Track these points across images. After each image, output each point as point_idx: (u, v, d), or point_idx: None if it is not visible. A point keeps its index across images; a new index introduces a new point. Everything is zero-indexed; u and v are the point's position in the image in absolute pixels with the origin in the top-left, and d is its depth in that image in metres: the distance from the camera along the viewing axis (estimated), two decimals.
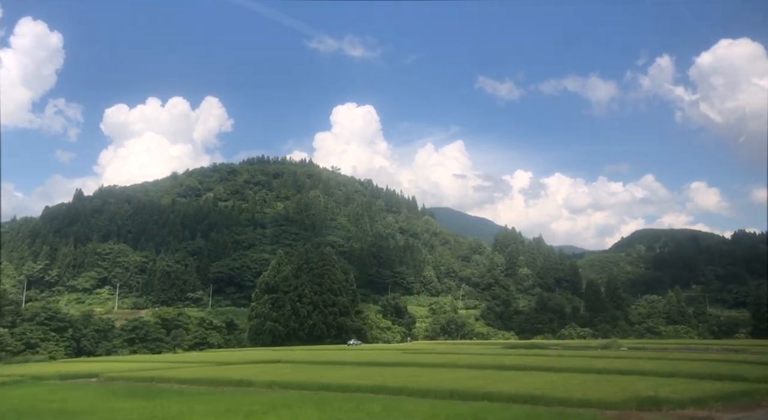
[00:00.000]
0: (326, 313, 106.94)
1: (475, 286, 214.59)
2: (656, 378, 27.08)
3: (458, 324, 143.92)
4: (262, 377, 32.49)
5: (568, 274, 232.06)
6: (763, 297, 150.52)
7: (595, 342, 70.32)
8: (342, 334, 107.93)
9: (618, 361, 34.92)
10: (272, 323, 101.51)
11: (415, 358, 41.80)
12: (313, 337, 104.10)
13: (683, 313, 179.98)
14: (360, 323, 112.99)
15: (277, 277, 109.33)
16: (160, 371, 39.93)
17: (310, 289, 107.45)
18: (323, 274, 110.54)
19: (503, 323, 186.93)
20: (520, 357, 45.02)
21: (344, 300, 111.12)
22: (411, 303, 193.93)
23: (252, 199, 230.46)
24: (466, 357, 44.98)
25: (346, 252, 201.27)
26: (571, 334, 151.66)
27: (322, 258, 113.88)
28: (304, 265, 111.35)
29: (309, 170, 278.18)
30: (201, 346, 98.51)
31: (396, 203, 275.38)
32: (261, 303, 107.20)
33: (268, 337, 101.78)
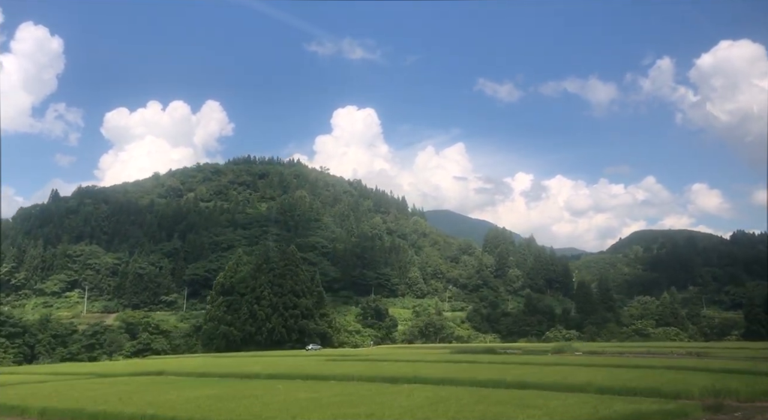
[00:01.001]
0: (287, 316, 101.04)
1: (463, 288, 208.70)
2: (550, 393, 21.72)
3: (437, 327, 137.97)
4: (41, 402, 25.47)
5: (560, 275, 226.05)
6: (756, 298, 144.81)
7: (550, 346, 64.77)
8: (304, 338, 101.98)
9: (536, 372, 29.10)
10: (227, 327, 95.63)
11: (332, 369, 36.13)
12: (272, 342, 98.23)
13: (676, 315, 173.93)
14: (325, 327, 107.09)
15: (234, 278, 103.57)
16: None
17: (270, 290, 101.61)
18: (285, 274, 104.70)
19: (490, 325, 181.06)
20: (443, 364, 39.25)
21: (308, 302, 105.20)
22: (396, 305, 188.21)
23: (235, 199, 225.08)
24: (388, 366, 39.32)
25: (329, 253, 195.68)
26: (556, 337, 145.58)
27: (284, 257, 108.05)
28: (264, 266, 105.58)
29: (297, 170, 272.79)
30: (144, 352, 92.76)
31: (385, 204, 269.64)
32: (216, 306, 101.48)
33: (222, 342, 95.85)
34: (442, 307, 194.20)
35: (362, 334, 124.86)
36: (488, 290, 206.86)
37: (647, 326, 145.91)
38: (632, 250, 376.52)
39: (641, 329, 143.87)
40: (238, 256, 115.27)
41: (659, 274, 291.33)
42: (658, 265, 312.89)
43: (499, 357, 47.52)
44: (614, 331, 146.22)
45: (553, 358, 44.54)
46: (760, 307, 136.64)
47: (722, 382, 21.49)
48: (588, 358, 44.62)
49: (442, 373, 28.30)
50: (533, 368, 32.51)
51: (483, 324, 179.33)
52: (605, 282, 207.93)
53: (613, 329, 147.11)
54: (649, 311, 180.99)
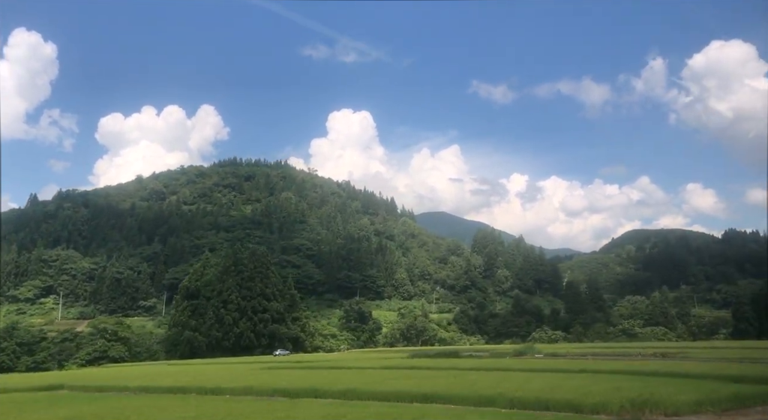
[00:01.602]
0: (256, 320, 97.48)
1: (451, 289, 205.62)
2: (450, 406, 18.82)
3: (419, 329, 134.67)
4: None
5: (549, 276, 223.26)
6: (744, 297, 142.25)
7: (512, 347, 61.65)
8: (275, 343, 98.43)
9: (460, 382, 25.91)
10: (191, 333, 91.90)
11: (245, 380, 32.75)
12: (241, 348, 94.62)
13: (666, 314, 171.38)
14: (297, 331, 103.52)
15: (200, 282, 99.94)
16: None
17: (238, 294, 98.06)
18: (255, 277, 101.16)
19: (478, 327, 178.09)
20: (378, 372, 36.13)
21: (279, 306, 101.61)
22: (381, 307, 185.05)
23: (219, 202, 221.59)
24: (305, 375, 36.19)
25: (314, 255, 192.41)
26: (542, 338, 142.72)
27: (254, 259, 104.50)
28: (232, 268, 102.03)
29: (284, 172, 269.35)
30: (100, 360, 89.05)
31: (374, 205, 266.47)
32: (180, 311, 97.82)
33: (186, 348, 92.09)
34: (429, 308, 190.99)
35: (338, 338, 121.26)
36: (476, 291, 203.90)
37: (634, 326, 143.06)
38: (625, 249, 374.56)
39: (628, 329, 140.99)
40: (205, 258, 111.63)
41: (651, 274, 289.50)
42: (651, 264, 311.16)
43: (449, 361, 44.40)
44: (601, 331, 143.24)
45: (504, 362, 41.55)
46: (748, 305, 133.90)
47: (657, 390, 18.57)
48: (542, 362, 41.61)
49: (355, 384, 25.27)
50: (470, 375, 29.49)
51: (470, 326, 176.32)
52: (595, 282, 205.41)
53: (600, 329, 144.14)
54: (638, 311, 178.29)
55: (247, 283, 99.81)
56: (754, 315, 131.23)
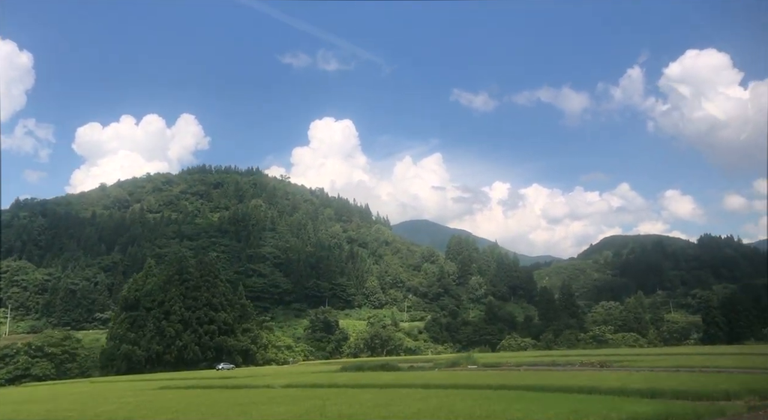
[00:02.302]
0: (201, 332, 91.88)
1: (423, 297, 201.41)
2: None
3: (383, 339, 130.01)
4: None
5: (523, 282, 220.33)
6: (714, 301, 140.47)
7: (445, 358, 57.52)
8: (222, 356, 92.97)
9: (312, 405, 21.71)
10: (129, 347, 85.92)
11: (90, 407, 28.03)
12: (184, 362, 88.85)
13: (640, 320, 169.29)
14: (247, 343, 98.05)
15: (140, 292, 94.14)
16: None
17: (182, 304, 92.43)
18: (200, 286, 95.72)
19: (450, 335, 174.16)
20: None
21: (227, 316, 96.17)
22: (351, 316, 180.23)
23: (184, 210, 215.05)
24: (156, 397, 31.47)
25: (282, 263, 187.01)
26: (510, 345, 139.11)
27: (201, 268, 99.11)
28: (176, 277, 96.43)
29: (254, 179, 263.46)
30: (22, 378, 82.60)
31: (347, 212, 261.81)
32: (118, 323, 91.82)
33: (123, 363, 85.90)
34: (401, 317, 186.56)
35: (294, 349, 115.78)
36: (449, 299, 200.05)
37: (605, 332, 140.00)
38: (602, 255, 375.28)
39: (599, 335, 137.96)
40: (147, 266, 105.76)
41: (628, 279, 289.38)
42: (628, 270, 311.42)
43: (370, 376, 39.94)
44: (571, 338, 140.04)
45: (423, 376, 37.31)
46: (718, 309, 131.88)
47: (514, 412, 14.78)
48: (463, 375, 37.50)
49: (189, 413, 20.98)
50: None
51: (442, 334, 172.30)
52: (568, 288, 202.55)
53: (570, 336, 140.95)
54: (612, 317, 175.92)
55: (193, 293, 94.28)
56: (724, 320, 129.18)
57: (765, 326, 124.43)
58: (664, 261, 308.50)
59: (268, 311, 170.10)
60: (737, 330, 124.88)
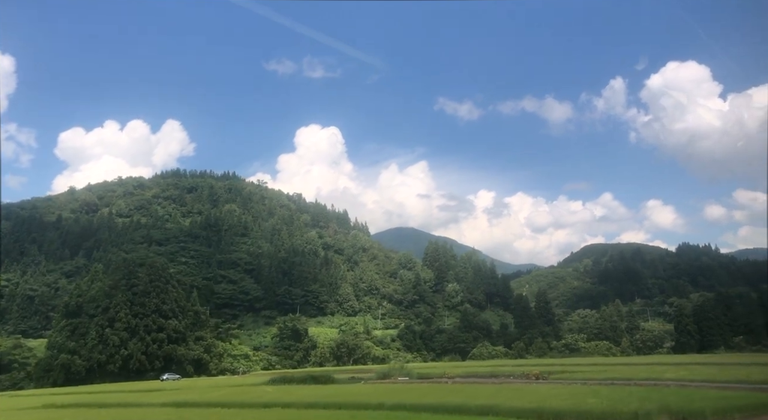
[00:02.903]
0: (149, 340, 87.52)
1: (398, 304, 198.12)
2: None
3: (350, 347, 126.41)
4: None
5: (500, 289, 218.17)
6: (686, 309, 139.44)
7: (378, 368, 54.56)
8: (172, 365, 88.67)
9: None
10: (68, 356, 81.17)
11: None
12: (129, 372, 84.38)
13: (615, 328, 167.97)
14: (200, 352, 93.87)
15: (83, 298, 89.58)
16: None
17: (129, 311, 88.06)
18: (150, 292, 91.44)
19: (424, 343, 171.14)
20: None
21: (178, 324, 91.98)
22: (324, 324, 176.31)
23: (155, 214, 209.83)
24: None
25: (253, 270, 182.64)
26: (482, 354, 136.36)
27: (150, 273, 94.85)
28: (123, 282, 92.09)
29: (230, 184, 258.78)
30: None
31: (324, 218, 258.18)
32: (57, 331, 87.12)
33: (61, 374, 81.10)
34: (375, 324, 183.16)
35: (251, 358, 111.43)
36: (425, 306, 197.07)
37: (578, 341, 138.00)
38: (582, 263, 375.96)
39: (571, 344, 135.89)
40: (93, 271, 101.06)
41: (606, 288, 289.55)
42: (606, 278, 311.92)
43: (277, 392, 36.92)
44: (543, 346, 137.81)
45: (330, 390, 34.29)
46: (690, 318, 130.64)
47: None
48: (386, 387, 34.57)
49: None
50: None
51: (415, 342, 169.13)
52: (543, 295, 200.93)
53: (542, 345, 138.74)
54: (588, 325, 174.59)
55: (141, 299, 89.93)
56: (695, 328, 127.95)
57: (736, 335, 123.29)
58: (642, 269, 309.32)
59: (237, 318, 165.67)
60: (708, 338, 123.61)
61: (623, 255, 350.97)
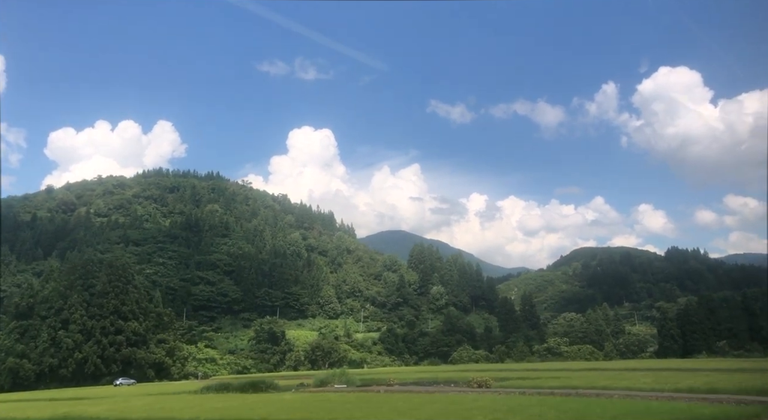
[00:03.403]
0: (105, 343, 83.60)
1: (382, 306, 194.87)
2: None
3: (325, 351, 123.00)
4: None
5: (486, 292, 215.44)
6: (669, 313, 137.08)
7: (322, 373, 51.02)
8: (131, 370, 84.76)
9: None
10: (16, 360, 77.18)
11: None
12: (84, 376, 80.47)
13: (601, 332, 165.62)
14: (161, 355, 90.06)
15: (35, 298, 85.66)
16: None
17: (84, 312, 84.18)
18: (108, 292, 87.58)
19: (407, 346, 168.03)
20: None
21: (138, 326, 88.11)
22: (305, 326, 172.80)
23: (135, 214, 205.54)
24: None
25: (233, 271, 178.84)
26: (461, 357, 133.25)
27: (110, 272, 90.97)
28: (79, 282, 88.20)
29: (214, 184, 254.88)
30: None
31: (309, 219, 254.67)
32: (6, 333, 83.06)
33: (8, 379, 76.98)
34: (356, 327, 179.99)
35: (218, 362, 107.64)
36: (408, 309, 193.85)
37: (560, 345, 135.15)
38: (571, 267, 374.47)
39: (553, 348, 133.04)
40: (48, 270, 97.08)
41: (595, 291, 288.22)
42: (595, 281, 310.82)
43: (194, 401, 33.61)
44: (524, 350, 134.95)
45: (238, 402, 31.00)
46: (673, 322, 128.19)
47: None
48: (300, 397, 31.42)
49: None
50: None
51: (397, 345, 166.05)
52: (529, 298, 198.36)
53: (523, 348, 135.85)
54: (573, 328, 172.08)
55: (98, 300, 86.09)
56: (679, 332, 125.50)
57: (720, 339, 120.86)
58: (631, 273, 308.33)
59: (214, 321, 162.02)
60: (692, 343, 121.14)
61: (612, 259, 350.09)
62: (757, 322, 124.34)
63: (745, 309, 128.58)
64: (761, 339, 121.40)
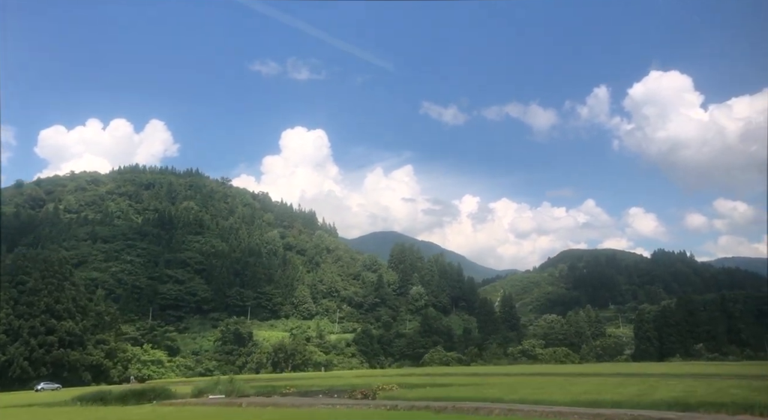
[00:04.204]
0: (34, 344, 78.08)
1: (359, 307, 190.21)
2: None
3: (288, 353, 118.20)
4: None
5: (466, 293, 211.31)
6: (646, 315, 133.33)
7: (225, 378, 45.82)
8: (64, 372, 79.45)
9: None
10: None
11: None
12: (10, 380, 74.96)
13: (581, 334, 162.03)
14: (99, 357, 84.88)
15: None
16: None
17: (11, 311, 78.71)
18: (41, 290, 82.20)
19: (382, 348, 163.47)
20: None
21: (74, 326, 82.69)
22: (277, 327, 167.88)
23: (106, 210, 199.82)
24: None
25: (204, 270, 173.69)
26: (434, 359, 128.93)
27: (44, 268, 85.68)
28: (5, 279, 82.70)
29: (192, 181, 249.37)
30: None
31: (290, 218, 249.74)
32: None
33: None
34: (331, 328, 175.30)
35: (166, 364, 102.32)
36: (386, 309, 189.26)
37: (536, 347, 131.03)
38: (558, 268, 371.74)
39: (528, 350, 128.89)
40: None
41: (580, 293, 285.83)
42: (581, 283, 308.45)
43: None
44: (497, 352, 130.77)
45: None
46: (650, 323, 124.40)
47: None
48: (151, 411, 27.05)
49: None
50: None
51: (373, 347, 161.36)
52: (509, 299, 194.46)
53: (496, 350, 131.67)
54: (554, 330, 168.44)
55: (28, 298, 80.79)
56: (656, 334, 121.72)
57: (698, 341, 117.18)
58: (617, 275, 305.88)
59: (181, 321, 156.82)
60: (668, 345, 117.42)
61: (598, 261, 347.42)
62: (736, 324, 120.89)
63: (724, 311, 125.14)
64: (739, 342, 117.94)
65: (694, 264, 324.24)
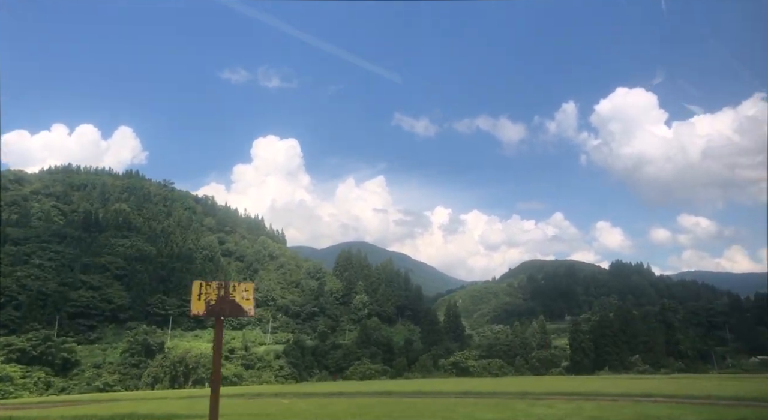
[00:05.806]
0: None
1: (296, 317, 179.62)
2: None
3: (188, 366, 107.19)
4: None
5: (413, 302, 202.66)
6: (582, 324, 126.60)
7: None
8: None
9: None
10: None
11: None
12: None
13: (526, 345, 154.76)
14: None
15: None
16: None
17: None
18: None
19: (316, 360, 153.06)
20: None
21: None
22: (202, 338, 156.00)
23: (25, 211, 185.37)
24: None
25: (125, 276, 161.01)
26: (356, 372, 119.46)
27: None
28: None
29: (130, 183, 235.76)
30: None
31: (233, 223, 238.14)
32: None
33: None
34: (263, 339, 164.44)
35: (15, 382, 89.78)
36: (325, 319, 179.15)
37: (468, 358, 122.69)
38: (517, 279, 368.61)
39: (460, 361, 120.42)
40: None
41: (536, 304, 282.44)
42: (538, 294, 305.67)
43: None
44: (426, 364, 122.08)
45: None
46: (586, 334, 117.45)
47: None
48: None
49: None
50: None
51: (305, 359, 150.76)
52: (454, 309, 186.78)
53: (425, 362, 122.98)
54: (499, 341, 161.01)
55: None
56: (592, 346, 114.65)
57: (634, 353, 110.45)
58: (575, 286, 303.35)
59: (93, 330, 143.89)
60: (603, 357, 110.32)
61: (557, 272, 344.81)
62: (675, 335, 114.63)
63: (664, 322, 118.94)
64: (677, 354, 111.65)
65: (651, 276, 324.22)
